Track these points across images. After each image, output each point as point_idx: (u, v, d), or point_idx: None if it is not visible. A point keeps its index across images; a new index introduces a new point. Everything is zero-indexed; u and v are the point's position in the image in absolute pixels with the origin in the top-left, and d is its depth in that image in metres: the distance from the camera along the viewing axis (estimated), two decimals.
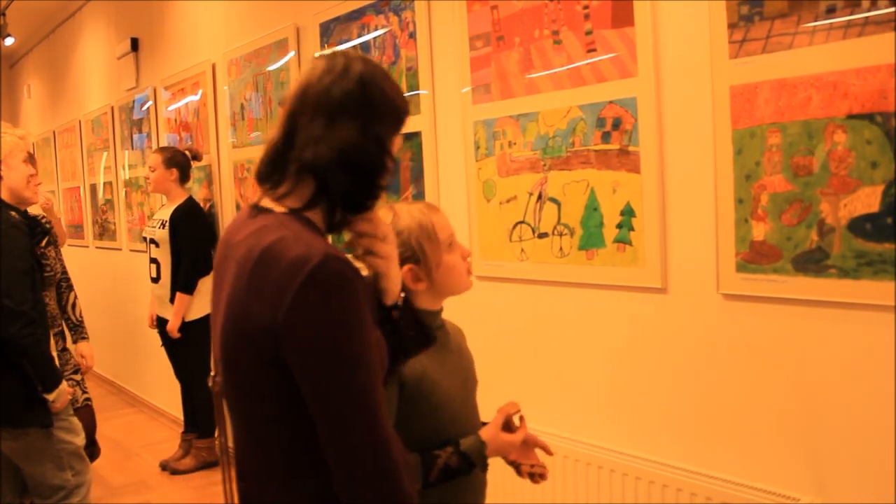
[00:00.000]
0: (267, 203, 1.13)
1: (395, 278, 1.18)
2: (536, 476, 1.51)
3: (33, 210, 2.91)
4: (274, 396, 1.05)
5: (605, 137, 2.09)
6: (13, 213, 2.53)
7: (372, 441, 1.01)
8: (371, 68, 1.15)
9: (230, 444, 1.20)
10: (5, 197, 2.64)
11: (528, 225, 2.34)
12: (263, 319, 1.01)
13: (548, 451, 1.54)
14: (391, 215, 1.41)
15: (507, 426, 1.48)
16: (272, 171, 1.13)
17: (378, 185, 1.13)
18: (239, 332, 1.05)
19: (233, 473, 1.20)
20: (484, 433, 1.42)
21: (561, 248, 2.25)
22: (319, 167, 1.08)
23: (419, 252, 1.39)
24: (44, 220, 2.89)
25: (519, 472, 1.52)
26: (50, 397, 2.40)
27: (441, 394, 1.40)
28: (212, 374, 1.20)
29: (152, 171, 3.97)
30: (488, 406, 1.59)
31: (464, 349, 1.56)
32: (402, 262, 1.38)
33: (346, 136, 1.08)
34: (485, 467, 1.42)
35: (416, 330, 1.26)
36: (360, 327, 1.01)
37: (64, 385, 2.48)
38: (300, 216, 1.09)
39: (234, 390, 1.11)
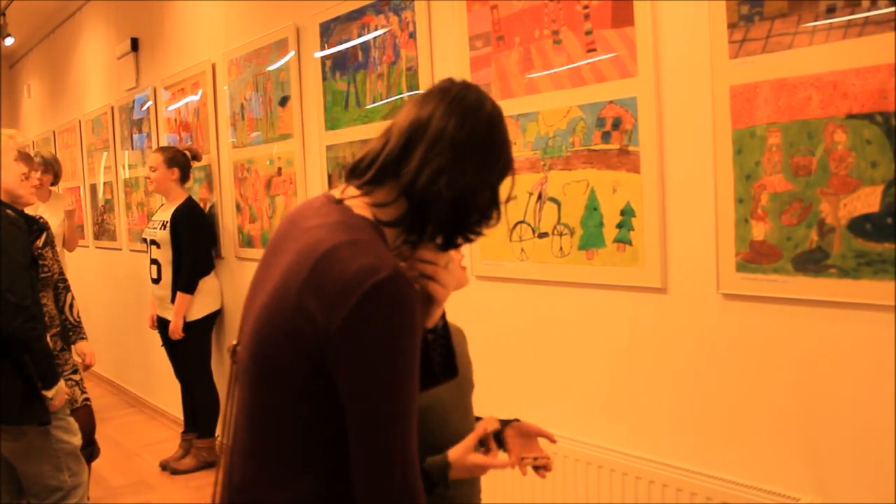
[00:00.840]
0: (351, 202, 1.10)
1: (443, 306, 1.20)
2: (541, 469, 1.48)
3: (30, 210, 2.91)
4: (300, 392, 1.04)
5: (605, 137, 2.09)
6: (9, 211, 2.53)
7: (403, 459, 1.01)
8: (499, 111, 1.14)
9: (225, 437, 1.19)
10: (1, 196, 2.64)
11: (528, 225, 2.34)
12: (316, 318, 0.99)
13: (551, 439, 1.52)
14: None
15: (485, 444, 1.44)
16: (374, 177, 1.10)
17: (479, 233, 1.13)
18: (283, 320, 1.02)
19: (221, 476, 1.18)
20: (452, 453, 1.38)
21: (561, 248, 2.25)
22: (431, 198, 1.07)
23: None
24: (40, 220, 2.89)
25: (522, 466, 1.48)
26: (49, 394, 2.41)
27: (429, 396, 1.39)
28: (234, 343, 1.18)
29: (153, 171, 3.97)
30: (488, 406, 1.59)
31: (460, 351, 1.54)
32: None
33: (467, 179, 1.08)
34: (447, 488, 1.38)
35: (445, 360, 1.25)
36: (412, 348, 1.01)
37: (62, 383, 2.49)
38: (378, 227, 1.08)
39: (258, 373, 1.08)
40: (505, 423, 1.51)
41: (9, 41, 6.27)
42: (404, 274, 1.01)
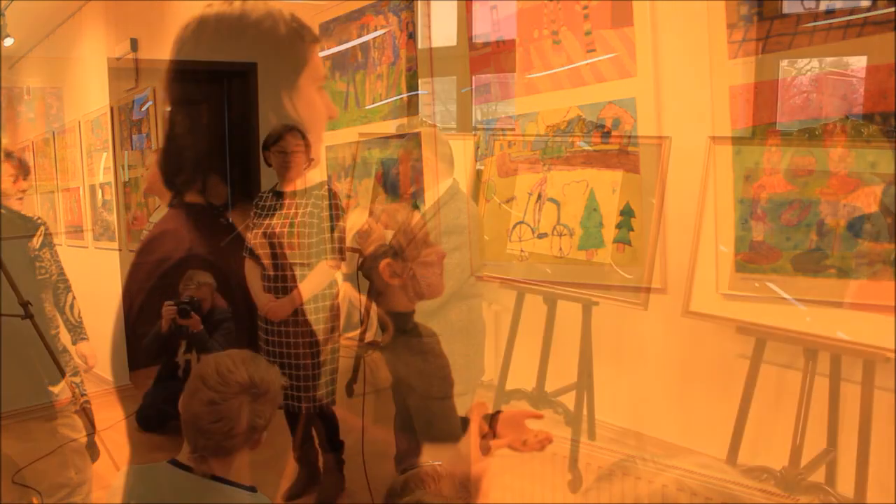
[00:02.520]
0: (190, 199, 1.05)
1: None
2: (540, 442, 1.52)
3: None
4: None
5: (605, 137, 2.09)
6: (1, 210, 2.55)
7: None
8: (218, 11, 0.95)
9: None
10: None
11: (528, 225, 2.34)
12: None
13: (537, 416, 1.55)
14: (367, 214, 1.43)
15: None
16: (169, 180, 1.05)
17: (257, 167, 1.02)
18: None
19: None
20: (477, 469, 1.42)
21: (560, 248, 2.25)
22: (200, 162, 0.97)
23: (397, 247, 1.41)
24: (37, 220, 2.90)
25: (526, 447, 1.52)
26: (54, 390, 2.42)
27: (414, 398, 1.41)
28: None
29: (146, 170, 3.98)
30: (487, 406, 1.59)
31: (436, 352, 1.56)
32: (380, 256, 1.40)
33: (197, 122, 0.97)
34: None
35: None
36: (136, 275, 0.98)
37: (67, 379, 2.50)
38: (209, 209, 1.01)
39: None
40: (491, 417, 1.54)
41: (8, 42, 6.26)
42: (167, 229, 0.96)
